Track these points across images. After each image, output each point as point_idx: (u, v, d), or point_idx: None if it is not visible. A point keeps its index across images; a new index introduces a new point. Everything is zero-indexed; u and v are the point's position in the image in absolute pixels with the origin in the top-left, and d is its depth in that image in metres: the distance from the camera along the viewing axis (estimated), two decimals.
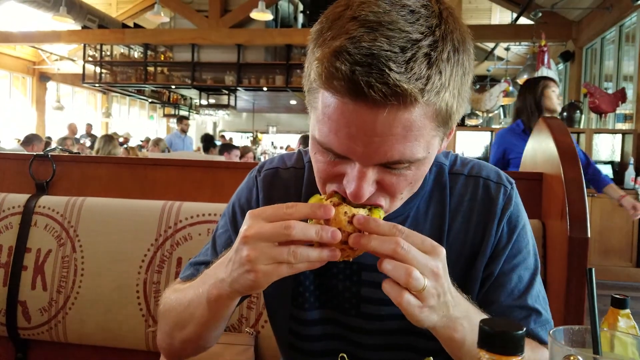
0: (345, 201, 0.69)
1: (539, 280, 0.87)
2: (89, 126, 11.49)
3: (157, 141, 7.92)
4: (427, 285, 0.63)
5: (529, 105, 3.06)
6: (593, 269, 0.63)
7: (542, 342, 0.83)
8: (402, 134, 0.64)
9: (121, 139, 10.32)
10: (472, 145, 5.96)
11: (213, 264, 0.87)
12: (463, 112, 0.74)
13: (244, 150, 5.98)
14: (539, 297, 0.86)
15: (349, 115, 0.64)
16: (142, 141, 10.84)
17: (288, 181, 0.94)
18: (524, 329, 0.49)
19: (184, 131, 8.29)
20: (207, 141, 7.21)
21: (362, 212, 0.67)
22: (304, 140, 5.90)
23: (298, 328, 0.93)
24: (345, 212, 0.65)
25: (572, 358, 0.50)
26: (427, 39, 0.62)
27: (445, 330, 0.69)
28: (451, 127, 0.73)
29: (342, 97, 0.63)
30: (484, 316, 0.75)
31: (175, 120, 15.07)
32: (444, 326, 0.69)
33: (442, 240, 0.86)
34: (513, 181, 0.89)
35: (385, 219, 0.82)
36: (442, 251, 0.66)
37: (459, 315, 0.69)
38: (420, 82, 0.61)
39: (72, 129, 10.50)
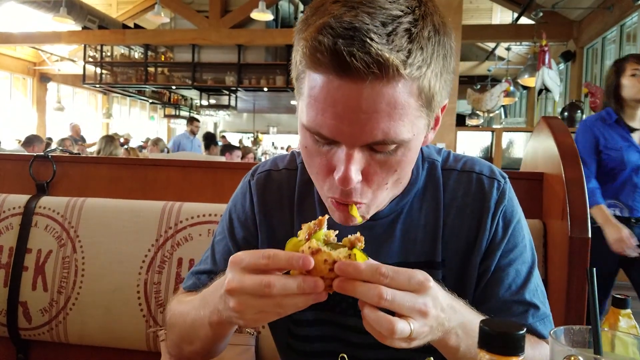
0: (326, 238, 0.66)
1: (536, 274, 0.87)
2: (76, 127, 11.19)
3: (157, 141, 7.91)
4: (415, 327, 0.61)
5: (610, 93, 2.55)
6: (594, 269, 0.63)
7: (541, 337, 0.83)
8: (386, 111, 0.65)
9: (121, 140, 10.32)
10: (473, 145, 5.95)
11: (213, 274, 0.89)
12: (446, 97, 0.74)
13: (245, 151, 5.99)
14: (537, 291, 0.86)
15: (334, 93, 0.65)
16: (142, 142, 10.83)
17: (281, 183, 0.94)
18: (524, 330, 0.49)
19: (193, 133, 8.18)
20: (208, 139, 7.21)
21: (342, 254, 0.62)
22: None
23: (296, 329, 0.94)
24: (325, 260, 0.61)
25: (572, 358, 0.50)
26: (407, 17, 0.64)
27: (439, 342, 0.69)
28: (436, 113, 0.74)
29: (327, 72, 0.64)
30: (480, 317, 0.74)
31: (179, 120, 15.11)
32: (438, 339, 0.68)
33: (437, 237, 0.85)
34: (506, 176, 0.89)
35: (378, 216, 0.83)
36: (430, 283, 0.63)
37: (454, 326, 0.69)
38: (401, 53, 0.63)
39: (76, 129, 10.56)
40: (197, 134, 8.39)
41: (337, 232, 0.67)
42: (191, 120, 8.29)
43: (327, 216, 0.67)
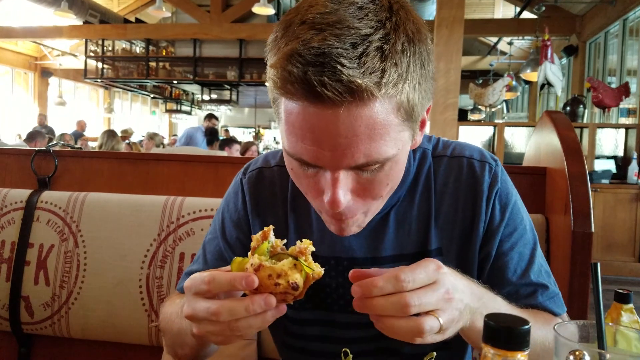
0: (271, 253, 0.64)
1: (539, 253, 0.87)
2: (42, 117, 10.95)
3: (152, 135, 7.89)
4: (443, 319, 0.60)
5: None
6: (598, 264, 0.63)
7: (554, 314, 0.84)
8: (366, 133, 0.63)
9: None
10: (475, 140, 5.94)
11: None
12: (428, 103, 0.72)
13: (247, 145, 5.97)
14: (541, 271, 0.86)
15: (310, 119, 0.63)
16: (143, 136, 10.83)
17: (273, 181, 0.93)
18: (529, 325, 0.48)
19: (209, 129, 8.11)
20: (212, 135, 7.18)
21: (286, 266, 0.60)
22: None
23: (292, 327, 0.93)
24: (270, 275, 0.59)
25: (577, 353, 0.50)
26: (377, 33, 0.61)
27: (469, 328, 0.68)
28: (419, 120, 0.72)
29: (301, 100, 0.62)
30: (496, 296, 0.73)
31: (180, 115, 15.09)
32: (469, 325, 0.67)
33: (429, 225, 0.85)
34: (497, 158, 0.88)
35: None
36: (443, 268, 0.63)
37: (477, 306, 0.67)
38: (374, 75, 0.60)
39: (82, 125, 10.73)
40: None
41: (284, 241, 0.65)
42: (210, 117, 8.13)
43: (271, 227, 0.65)
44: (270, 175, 0.94)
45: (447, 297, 0.61)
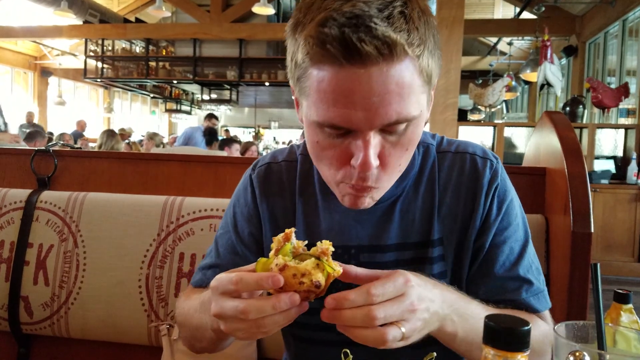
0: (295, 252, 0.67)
1: (530, 250, 0.90)
2: (30, 115, 10.82)
3: (152, 135, 7.87)
4: (406, 328, 0.64)
5: None
6: (598, 264, 0.63)
7: (535, 311, 0.87)
8: (396, 91, 0.68)
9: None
10: (475, 140, 5.93)
11: (217, 267, 0.94)
12: (437, 77, 0.78)
13: (247, 145, 5.97)
14: (531, 267, 0.88)
15: (344, 82, 0.67)
16: (142, 136, 10.83)
17: (281, 174, 0.97)
18: (530, 325, 0.48)
19: (208, 128, 8.09)
20: (210, 135, 7.18)
21: (310, 266, 0.63)
22: None
23: (299, 317, 0.93)
24: (295, 275, 0.62)
25: (577, 354, 0.50)
26: (398, 1, 0.68)
27: (437, 332, 0.71)
28: (433, 88, 0.77)
29: (335, 64, 0.66)
30: (473, 302, 0.77)
31: (180, 115, 15.07)
32: (437, 329, 0.71)
33: (432, 216, 0.88)
34: (498, 157, 0.92)
35: (378, 200, 0.85)
36: (411, 282, 0.65)
37: (448, 312, 0.71)
38: (403, 34, 0.66)
39: (82, 125, 10.73)
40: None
41: (305, 242, 0.68)
42: (210, 117, 8.11)
43: (293, 229, 0.67)
44: (278, 170, 0.97)
45: (411, 309, 0.64)
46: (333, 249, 0.65)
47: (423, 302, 0.66)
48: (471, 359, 0.77)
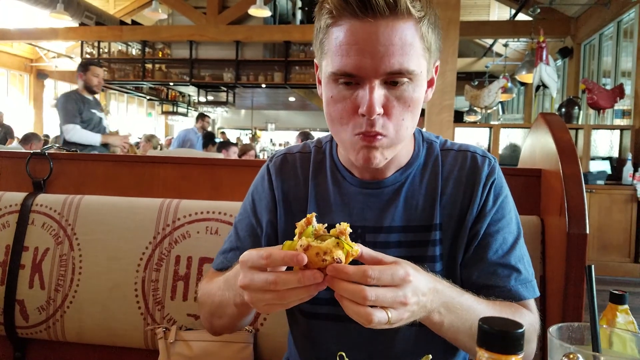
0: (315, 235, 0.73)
1: (521, 244, 0.97)
2: (0, 115, 10.29)
3: (150, 137, 7.85)
4: (393, 315, 0.70)
5: None
6: (592, 266, 0.63)
7: (522, 299, 0.93)
8: (399, 44, 0.80)
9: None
10: (471, 141, 5.95)
11: (238, 250, 1.02)
12: (437, 56, 0.91)
13: (245, 148, 5.96)
14: (522, 258, 0.96)
15: (356, 33, 0.80)
16: (139, 138, 10.79)
17: (295, 162, 1.06)
18: (523, 328, 0.49)
19: (203, 129, 7.95)
20: (207, 138, 7.19)
21: (331, 244, 0.69)
22: (304, 135, 5.88)
23: None
24: (317, 253, 0.68)
25: (571, 356, 0.50)
26: None
27: (423, 319, 0.78)
28: (433, 62, 0.90)
29: (351, 18, 0.80)
30: (462, 293, 0.83)
31: (176, 117, 15.04)
32: (423, 318, 0.77)
33: (435, 204, 0.97)
34: (496, 158, 1.01)
35: (385, 184, 0.97)
36: (410, 277, 0.71)
37: (436, 306, 0.78)
38: None
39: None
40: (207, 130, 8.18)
41: (325, 225, 0.74)
42: (202, 117, 8.07)
43: (314, 214, 0.74)
44: (292, 159, 1.06)
45: (402, 301, 0.70)
46: (350, 230, 0.71)
47: (415, 296, 0.72)
48: (457, 344, 0.86)
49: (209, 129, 8.24)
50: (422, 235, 0.96)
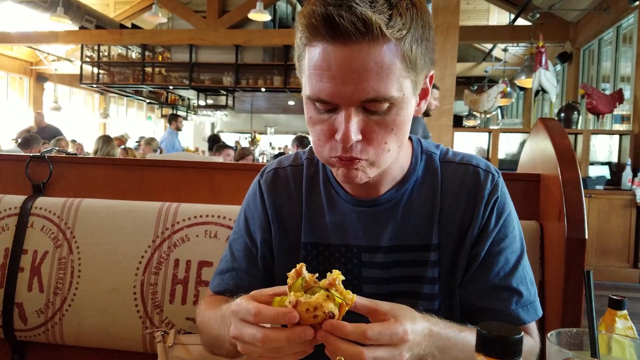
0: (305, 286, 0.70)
1: (524, 263, 0.93)
2: None
3: (150, 140, 7.90)
4: None
5: None
6: (591, 272, 0.63)
7: (522, 324, 0.90)
8: (375, 70, 0.73)
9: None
10: (470, 146, 5.96)
11: (234, 271, 1.00)
12: (429, 68, 0.84)
13: (243, 153, 5.95)
14: (525, 278, 0.92)
15: (329, 58, 0.74)
16: (137, 142, 10.79)
17: (287, 178, 1.02)
18: (522, 334, 0.49)
19: (179, 129, 8.50)
20: (213, 141, 7.32)
21: (321, 298, 0.66)
22: (299, 140, 5.87)
23: None
24: (307, 309, 0.66)
25: None
26: None
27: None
28: (420, 78, 0.82)
29: (322, 40, 0.74)
30: (461, 331, 0.80)
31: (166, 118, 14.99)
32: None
33: (433, 222, 0.92)
34: (499, 172, 0.96)
35: (380, 202, 0.92)
36: (408, 336, 0.69)
37: (430, 351, 0.75)
38: (383, 16, 0.72)
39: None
40: (181, 130, 8.55)
41: (316, 275, 0.70)
42: (175, 117, 8.48)
43: (303, 264, 0.70)
44: (284, 175, 1.02)
45: (397, 358, 0.68)
46: (343, 278, 0.68)
47: (410, 351, 0.70)
48: None
49: (208, 132, 8.37)
50: (419, 254, 0.92)
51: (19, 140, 6.35)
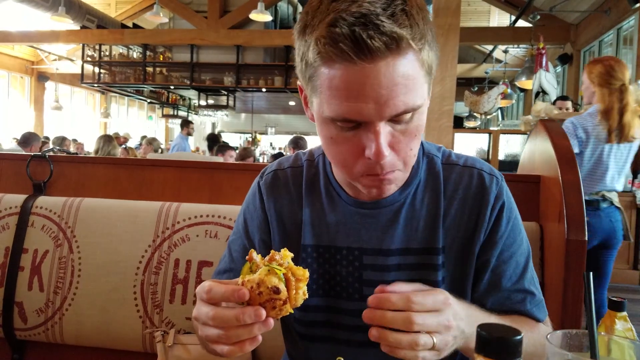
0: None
1: (531, 263, 0.96)
2: None
3: (151, 140, 7.94)
4: (438, 340, 0.69)
5: None
6: (590, 273, 0.63)
7: (538, 320, 0.93)
8: (403, 83, 0.72)
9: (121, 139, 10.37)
10: (470, 147, 5.96)
11: (232, 271, 1.00)
12: (436, 67, 0.82)
13: (244, 154, 5.94)
14: (533, 279, 0.94)
15: (355, 77, 0.71)
16: (139, 143, 10.81)
17: (287, 180, 1.01)
18: (521, 335, 0.49)
19: (189, 134, 8.76)
20: (212, 140, 7.32)
21: (262, 274, 0.66)
22: (294, 142, 5.85)
23: (299, 314, 0.96)
24: (252, 288, 0.66)
25: None
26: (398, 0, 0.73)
27: (462, 348, 0.77)
28: (432, 80, 0.81)
29: (346, 61, 0.71)
30: (490, 316, 0.83)
31: (177, 120, 15.03)
32: (462, 346, 0.76)
33: (437, 225, 0.92)
34: (502, 176, 0.96)
35: (383, 205, 0.92)
36: (450, 300, 0.72)
37: (473, 331, 0.74)
38: (406, 29, 0.71)
39: None
40: (192, 135, 8.91)
41: (266, 258, 0.70)
42: (187, 123, 8.70)
43: (252, 250, 0.72)
44: (284, 176, 1.01)
45: (446, 325, 0.70)
46: (291, 254, 0.70)
47: (456, 319, 0.72)
48: None
49: (210, 130, 8.47)
50: (424, 258, 0.91)
51: (19, 138, 6.35)
